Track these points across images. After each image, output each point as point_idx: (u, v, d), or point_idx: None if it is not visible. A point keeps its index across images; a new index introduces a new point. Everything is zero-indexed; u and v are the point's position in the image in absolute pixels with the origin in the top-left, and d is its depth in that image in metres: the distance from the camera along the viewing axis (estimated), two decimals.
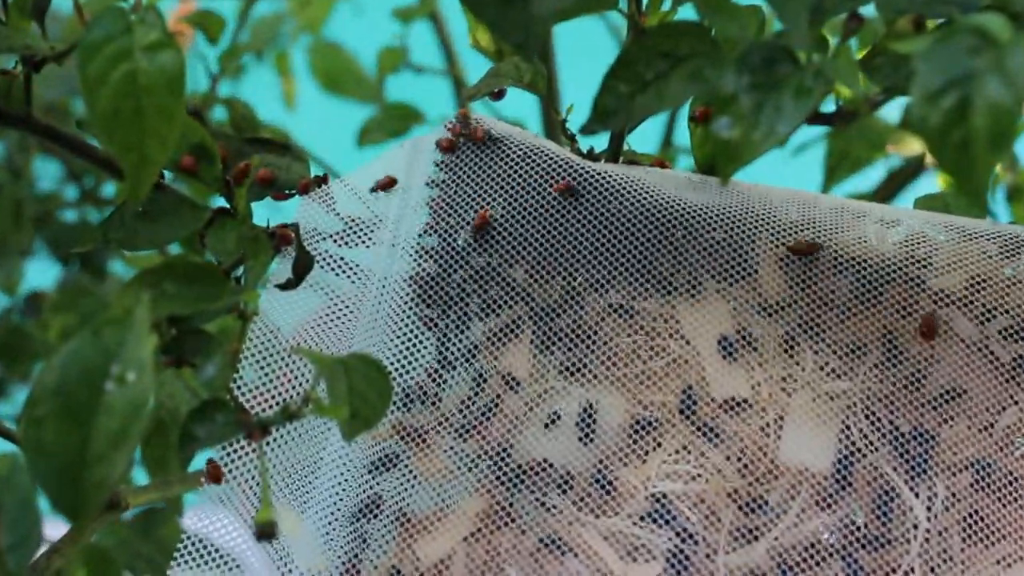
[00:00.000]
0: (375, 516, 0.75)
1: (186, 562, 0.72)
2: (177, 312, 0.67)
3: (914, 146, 1.30)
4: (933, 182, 1.35)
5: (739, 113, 0.62)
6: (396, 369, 0.77)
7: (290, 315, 0.78)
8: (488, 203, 0.80)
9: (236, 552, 0.73)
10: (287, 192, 0.81)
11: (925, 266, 0.77)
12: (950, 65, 0.56)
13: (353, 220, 0.81)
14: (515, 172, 0.80)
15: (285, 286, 0.76)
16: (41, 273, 1.64)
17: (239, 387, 0.72)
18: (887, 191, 1.36)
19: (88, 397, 0.57)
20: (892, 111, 1.32)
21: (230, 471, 0.72)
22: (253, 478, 0.73)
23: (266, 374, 0.74)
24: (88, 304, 1.43)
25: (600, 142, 0.85)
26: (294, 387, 0.74)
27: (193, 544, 0.72)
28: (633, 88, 0.67)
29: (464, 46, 1.49)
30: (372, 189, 0.82)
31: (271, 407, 0.73)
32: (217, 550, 0.72)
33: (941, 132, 0.55)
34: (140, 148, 0.65)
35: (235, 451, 0.72)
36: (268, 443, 0.73)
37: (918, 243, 0.78)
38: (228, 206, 0.77)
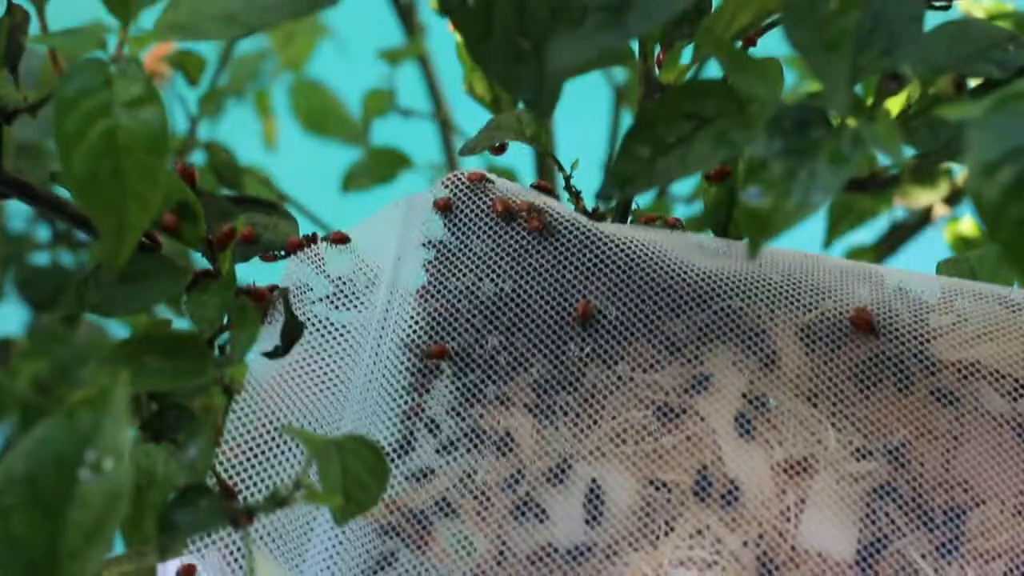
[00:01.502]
0: None
1: None
2: (158, 388, 0.62)
3: (921, 198, 1.25)
4: (938, 235, 1.31)
5: (770, 180, 0.57)
6: (390, 444, 0.72)
7: (278, 384, 0.73)
8: (489, 267, 0.75)
9: None
10: (274, 253, 0.76)
11: (953, 337, 0.72)
12: (1008, 135, 0.51)
13: (345, 281, 0.76)
14: (518, 235, 0.76)
15: (272, 354, 0.71)
16: (9, 318, 1.58)
17: (223, 467, 0.67)
18: (890, 244, 1.31)
19: (60, 487, 0.53)
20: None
21: (213, 540, 0.67)
22: (239, 550, 0.68)
23: (253, 452, 0.69)
24: (62, 352, 1.37)
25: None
26: (283, 466, 0.69)
27: None
28: (654, 151, 0.62)
29: (453, 88, 1.44)
30: (324, 239, 0.77)
31: (258, 490, 0.68)
32: None
33: (998, 208, 0.50)
34: (119, 212, 0.60)
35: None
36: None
37: (944, 312, 0.74)
38: (211, 268, 0.72)
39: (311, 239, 0.77)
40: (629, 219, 0.79)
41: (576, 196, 0.80)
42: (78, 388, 0.62)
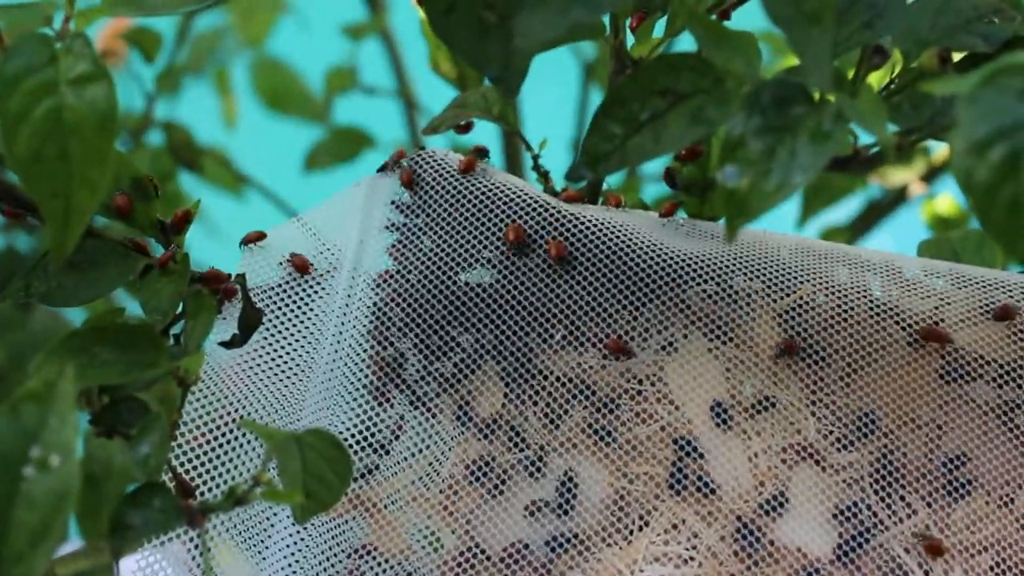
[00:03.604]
0: None
1: None
2: (108, 381, 0.59)
3: (897, 176, 1.23)
4: (914, 214, 1.28)
5: (748, 159, 0.55)
6: (352, 436, 0.69)
7: (235, 374, 0.70)
8: (455, 251, 0.72)
9: None
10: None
11: (936, 322, 0.70)
12: (998, 112, 0.48)
13: (309, 266, 0.74)
14: (484, 216, 0.73)
15: (230, 343, 0.68)
16: None
17: (179, 461, 0.64)
18: (865, 223, 1.29)
19: (3, 486, 0.50)
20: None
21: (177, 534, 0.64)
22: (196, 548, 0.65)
23: (210, 446, 0.67)
24: (17, 338, 1.33)
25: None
26: (242, 460, 0.67)
27: None
28: (627, 129, 0.59)
29: (417, 65, 1.41)
30: (280, 263, 0.73)
31: (215, 483, 0.65)
32: None
33: (989, 189, 0.48)
34: (66, 196, 0.57)
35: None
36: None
37: (926, 296, 0.71)
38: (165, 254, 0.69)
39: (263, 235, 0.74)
40: (600, 200, 0.76)
41: (545, 176, 0.77)
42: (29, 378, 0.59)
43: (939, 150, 1.24)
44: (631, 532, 0.67)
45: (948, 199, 1.26)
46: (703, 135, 0.58)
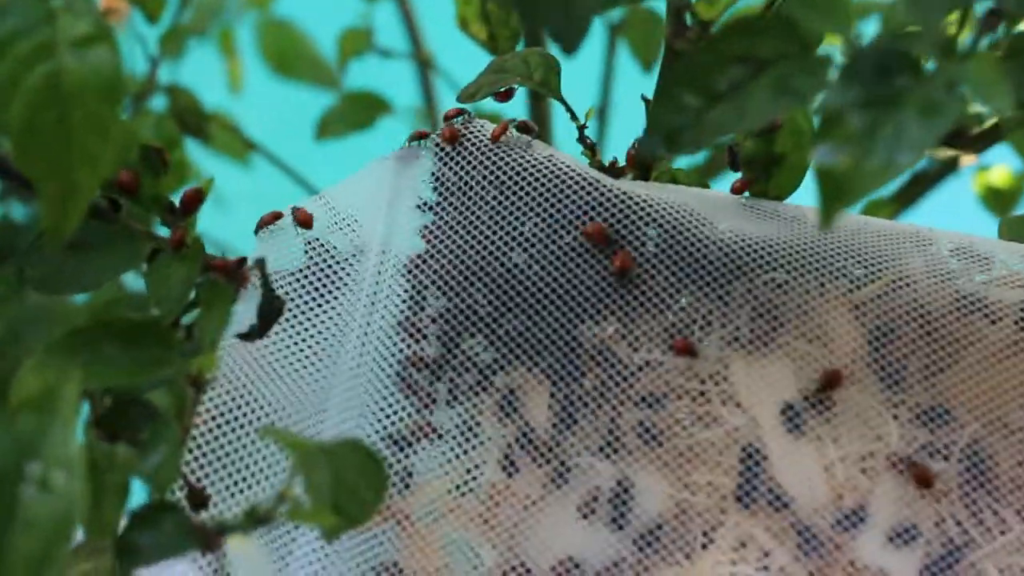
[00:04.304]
0: None
1: None
2: (115, 383, 0.52)
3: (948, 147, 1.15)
4: (964, 184, 1.21)
5: (848, 136, 0.48)
6: (382, 439, 0.63)
7: (252, 368, 0.63)
8: (495, 234, 0.66)
9: None
10: None
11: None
12: None
13: (327, 251, 0.67)
14: (528, 195, 0.66)
15: (248, 335, 0.61)
16: None
17: (192, 473, 0.57)
18: (909, 195, 1.21)
19: None
20: None
21: None
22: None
23: (225, 452, 0.60)
24: (13, 312, 1.26)
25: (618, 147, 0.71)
26: (260, 468, 0.60)
27: None
28: (703, 100, 0.52)
29: (432, 26, 1.34)
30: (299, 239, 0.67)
31: (230, 493, 0.59)
32: None
33: None
34: (65, 173, 0.50)
35: None
36: None
37: (1012, 284, 0.64)
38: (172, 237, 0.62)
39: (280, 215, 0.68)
40: (653, 177, 0.70)
41: (591, 149, 0.70)
42: (27, 363, 0.53)
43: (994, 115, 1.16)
44: (693, 549, 0.60)
45: (1002, 170, 1.19)
46: (791, 108, 0.51)
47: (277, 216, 0.67)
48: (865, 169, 0.48)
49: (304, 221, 0.67)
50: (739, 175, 0.69)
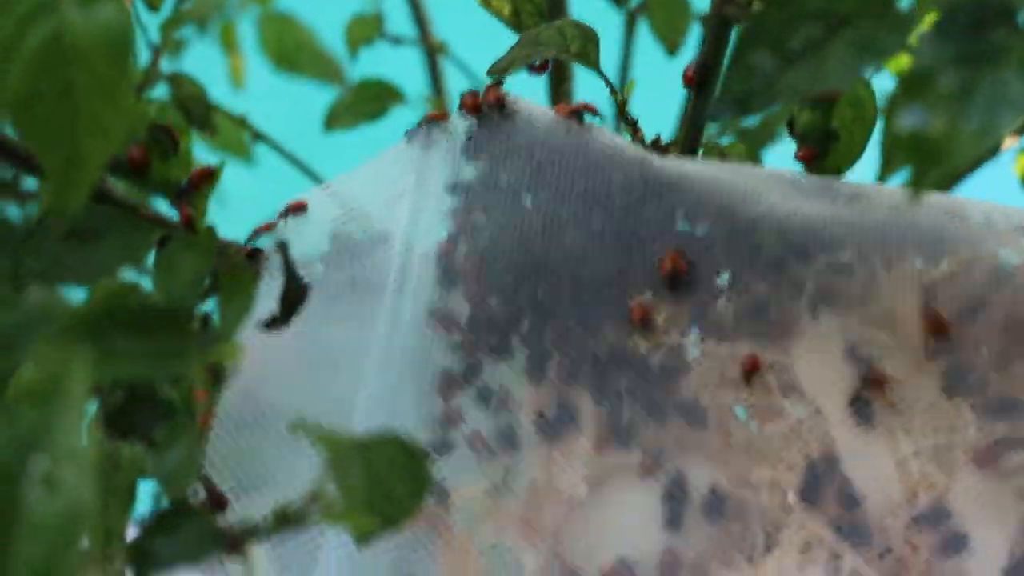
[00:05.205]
0: None
1: None
2: (127, 376, 0.48)
3: None
4: (1006, 161, 1.17)
5: (941, 97, 0.44)
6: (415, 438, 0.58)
7: (273, 359, 0.59)
8: (531, 217, 0.61)
9: None
10: None
11: None
12: None
13: (348, 237, 0.62)
14: (567, 173, 0.61)
15: (270, 325, 0.56)
16: None
17: (212, 473, 0.53)
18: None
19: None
20: None
21: None
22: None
23: (239, 447, 0.56)
24: (8, 318, 1.22)
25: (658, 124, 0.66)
26: (286, 466, 0.56)
27: None
28: (778, 62, 0.48)
29: (437, 9, 1.30)
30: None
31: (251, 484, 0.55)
32: None
33: None
34: (70, 144, 0.46)
35: None
36: None
37: None
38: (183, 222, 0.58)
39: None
40: (699, 153, 0.65)
41: (633, 127, 0.66)
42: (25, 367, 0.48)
43: None
44: (755, 551, 0.56)
45: None
46: (874, 69, 0.47)
47: (302, 206, 0.63)
48: (962, 132, 0.44)
49: (315, 211, 0.63)
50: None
